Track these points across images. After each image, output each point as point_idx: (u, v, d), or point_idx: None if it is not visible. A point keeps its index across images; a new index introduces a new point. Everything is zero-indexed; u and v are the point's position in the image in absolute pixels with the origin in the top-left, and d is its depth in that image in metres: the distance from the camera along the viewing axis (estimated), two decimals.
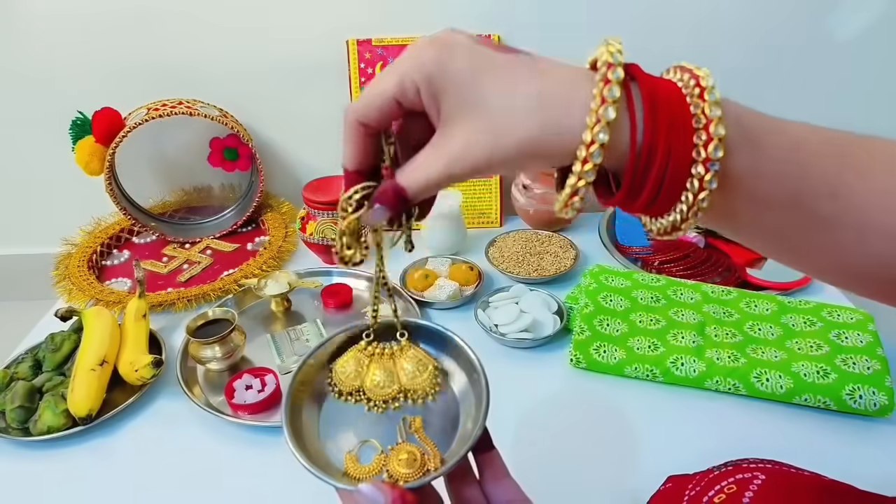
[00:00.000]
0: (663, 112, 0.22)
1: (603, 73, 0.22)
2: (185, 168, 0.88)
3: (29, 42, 0.79)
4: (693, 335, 0.58)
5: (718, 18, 0.78)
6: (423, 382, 0.31)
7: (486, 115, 0.22)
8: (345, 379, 0.32)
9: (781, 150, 0.23)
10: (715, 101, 0.22)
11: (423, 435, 0.30)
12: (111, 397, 0.56)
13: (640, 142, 0.21)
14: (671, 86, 0.24)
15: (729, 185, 0.22)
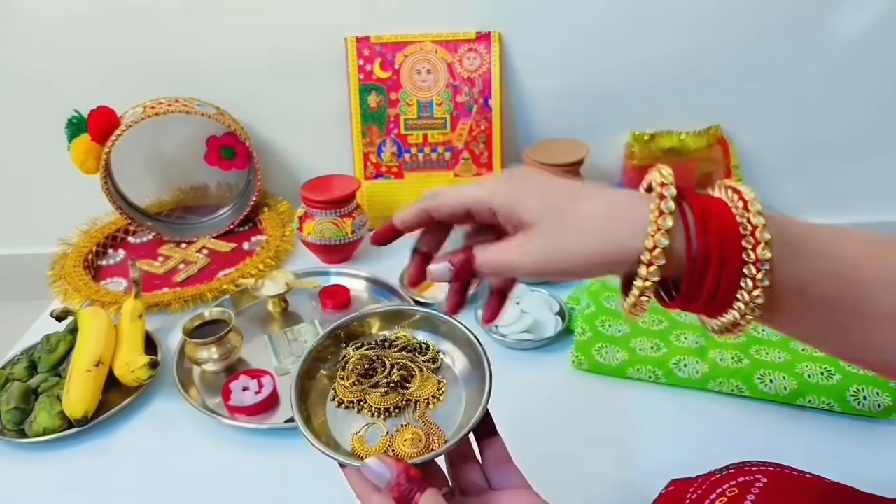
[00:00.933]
0: (714, 222, 0.25)
1: (658, 191, 0.25)
2: (182, 167, 0.87)
3: (25, 41, 0.78)
4: (696, 336, 0.58)
5: (716, 16, 0.78)
6: (428, 393, 0.32)
7: (561, 231, 0.26)
8: (346, 392, 0.32)
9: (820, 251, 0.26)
10: (758, 211, 0.25)
11: (428, 419, 0.31)
12: (107, 398, 0.56)
13: (695, 248, 0.25)
14: (718, 201, 0.27)
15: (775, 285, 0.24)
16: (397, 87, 0.81)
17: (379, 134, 0.83)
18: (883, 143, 0.89)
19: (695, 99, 0.84)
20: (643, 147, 0.85)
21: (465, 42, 0.79)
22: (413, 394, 0.32)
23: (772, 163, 0.91)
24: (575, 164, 0.78)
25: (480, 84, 0.80)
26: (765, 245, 0.24)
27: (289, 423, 0.53)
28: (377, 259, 0.79)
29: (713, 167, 0.90)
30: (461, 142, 0.83)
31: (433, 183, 0.84)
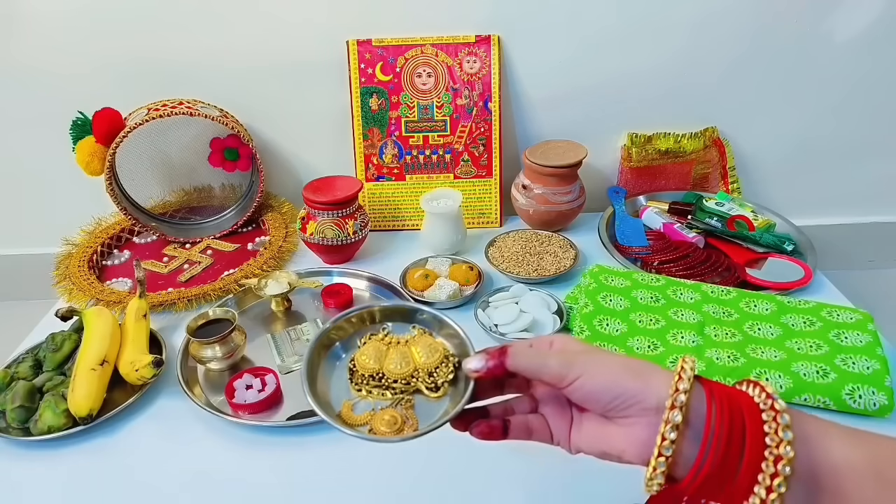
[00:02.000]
0: (737, 411, 0.27)
1: (680, 365, 0.29)
2: (186, 168, 0.88)
3: (30, 42, 0.79)
4: (692, 335, 0.59)
5: (713, 20, 0.79)
6: (436, 362, 0.35)
7: (584, 369, 0.30)
8: (366, 364, 0.35)
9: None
10: (787, 425, 0.26)
11: (410, 407, 0.35)
12: (111, 397, 0.56)
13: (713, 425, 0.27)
14: (745, 396, 0.29)
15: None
16: (398, 89, 0.82)
17: (380, 136, 0.83)
18: (878, 145, 0.90)
19: (691, 101, 0.85)
20: (640, 149, 0.86)
21: (466, 45, 0.80)
22: (424, 363, 0.35)
23: (768, 164, 0.91)
24: (573, 166, 0.79)
25: (480, 87, 0.81)
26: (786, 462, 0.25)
27: (292, 421, 0.54)
28: (378, 259, 0.80)
29: (709, 169, 0.90)
30: (461, 144, 0.84)
31: (434, 185, 0.85)
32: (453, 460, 0.50)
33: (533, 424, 0.34)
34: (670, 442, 0.27)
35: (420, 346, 0.36)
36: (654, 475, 0.28)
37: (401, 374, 0.35)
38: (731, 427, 0.27)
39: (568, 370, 0.31)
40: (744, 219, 0.80)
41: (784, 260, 0.74)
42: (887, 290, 0.98)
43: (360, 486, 0.49)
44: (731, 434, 0.27)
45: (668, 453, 0.27)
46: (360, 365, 0.35)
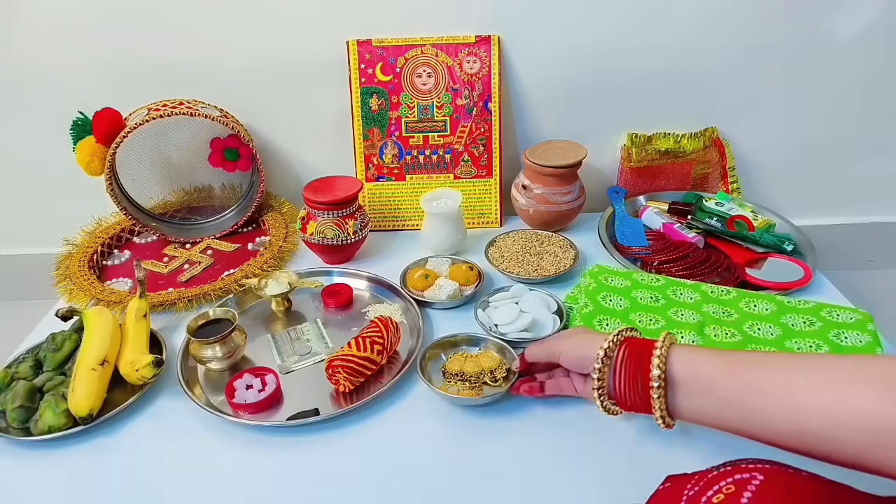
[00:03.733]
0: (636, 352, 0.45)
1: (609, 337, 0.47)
2: (186, 168, 0.88)
3: (30, 42, 0.79)
4: (692, 335, 0.59)
5: (713, 20, 0.79)
6: (494, 365, 0.57)
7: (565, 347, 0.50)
8: (452, 367, 0.58)
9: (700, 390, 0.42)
10: (659, 355, 0.43)
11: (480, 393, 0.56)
12: (112, 397, 0.56)
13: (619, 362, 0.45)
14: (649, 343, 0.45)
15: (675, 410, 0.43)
16: (398, 90, 0.82)
17: (380, 136, 0.84)
18: (878, 145, 0.90)
19: (691, 101, 0.85)
20: (640, 149, 0.86)
21: (465, 45, 0.80)
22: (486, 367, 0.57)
23: (767, 164, 0.91)
24: (573, 166, 0.79)
25: (480, 87, 0.81)
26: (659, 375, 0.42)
27: (292, 421, 0.54)
28: (378, 259, 0.80)
29: (709, 169, 0.91)
30: (461, 144, 0.84)
31: (434, 185, 0.85)
32: (453, 460, 0.50)
33: (562, 384, 0.53)
34: (598, 378, 0.45)
35: (485, 358, 0.58)
36: (597, 400, 0.46)
37: (474, 373, 0.56)
38: (630, 360, 0.44)
39: (551, 352, 0.51)
40: (744, 219, 0.80)
41: (784, 260, 0.74)
42: (887, 290, 0.98)
43: (359, 486, 0.49)
44: (629, 363, 0.44)
45: (598, 384, 0.45)
46: (448, 368, 0.58)
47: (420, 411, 0.55)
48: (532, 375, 0.55)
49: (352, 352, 0.57)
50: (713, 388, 0.40)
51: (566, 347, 0.49)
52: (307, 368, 0.61)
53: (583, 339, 0.49)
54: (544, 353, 0.51)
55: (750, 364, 0.40)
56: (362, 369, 0.56)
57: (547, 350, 0.51)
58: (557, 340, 0.51)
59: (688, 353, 0.43)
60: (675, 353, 0.43)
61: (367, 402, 0.55)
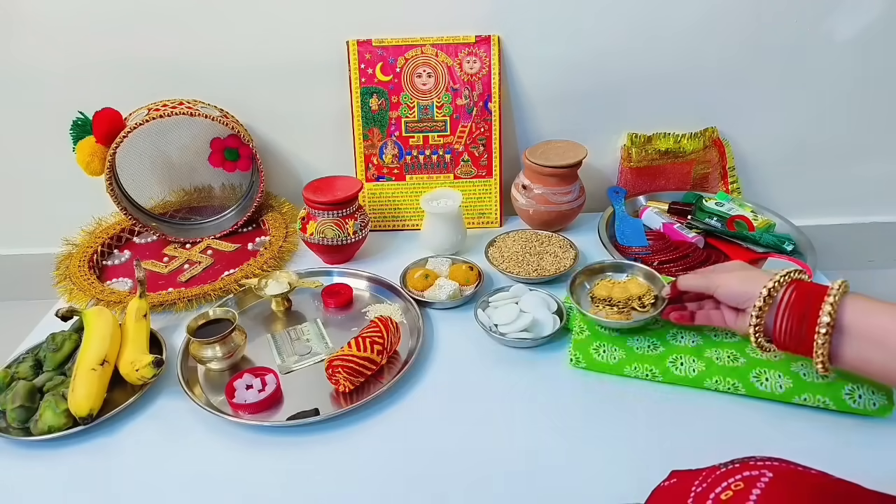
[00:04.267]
0: (805, 295, 0.45)
1: (775, 277, 0.47)
2: (186, 168, 0.88)
3: (30, 42, 0.79)
4: (692, 335, 0.59)
5: (712, 20, 0.79)
6: (642, 292, 0.59)
7: (725, 280, 0.51)
8: (600, 293, 0.60)
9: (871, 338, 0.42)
10: (832, 301, 0.43)
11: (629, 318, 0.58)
12: (112, 397, 0.56)
13: (784, 303, 0.46)
14: (822, 288, 0.45)
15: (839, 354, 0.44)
16: (398, 90, 0.82)
17: (380, 136, 0.84)
18: (877, 145, 0.90)
19: (691, 101, 0.85)
20: (640, 149, 0.86)
21: (465, 46, 0.80)
22: (636, 291, 0.60)
23: (767, 165, 0.91)
24: (573, 166, 0.79)
25: (480, 87, 0.81)
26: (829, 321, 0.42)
27: (292, 421, 0.54)
28: (378, 259, 0.80)
29: (709, 169, 0.91)
30: (461, 144, 0.84)
31: (434, 185, 0.85)
32: (451, 461, 0.50)
33: (712, 315, 0.54)
34: (757, 315, 0.46)
35: (632, 284, 0.60)
36: (752, 336, 0.47)
37: (622, 298, 0.58)
38: (798, 302, 0.44)
39: (708, 284, 0.51)
40: (744, 219, 0.80)
41: (784, 260, 0.74)
42: (887, 290, 0.98)
43: (359, 486, 0.49)
44: (795, 305, 0.44)
45: (756, 321, 0.46)
46: (596, 294, 0.60)
47: (420, 411, 0.55)
48: (682, 304, 0.56)
49: (352, 352, 0.57)
50: (886, 340, 0.40)
51: (725, 281, 0.49)
52: (307, 368, 0.61)
53: (745, 275, 0.49)
54: (701, 284, 0.52)
55: None
56: (362, 369, 0.56)
57: (704, 281, 0.51)
58: (716, 273, 0.51)
59: (864, 302, 0.43)
60: (849, 300, 0.43)
61: (367, 402, 0.55)
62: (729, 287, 0.49)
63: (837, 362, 0.43)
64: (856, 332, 0.42)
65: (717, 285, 0.50)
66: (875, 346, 0.41)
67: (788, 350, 0.45)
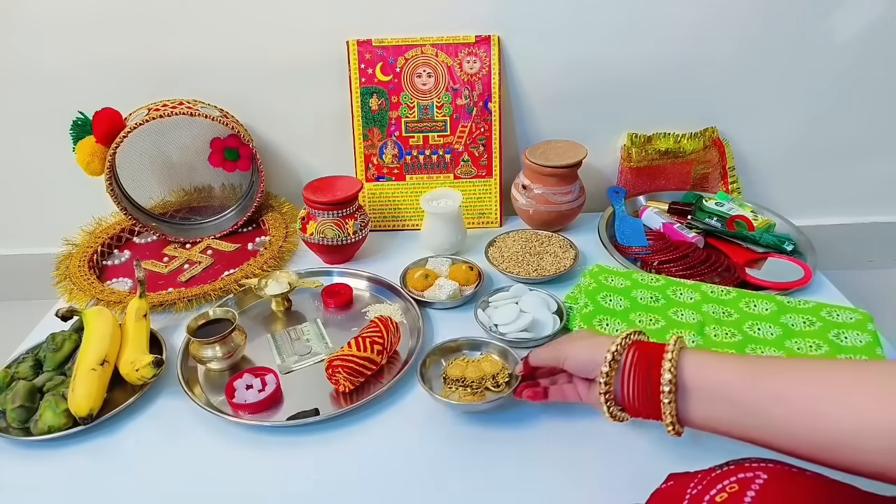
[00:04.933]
0: (646, 355, 0.43)
1: (616, 340, 0.45)
2: (186, 168, 0.88)
3: (30, 42, 0.79)
4: (692, 335, 0.59)
5: (713, 20, 0.79)
6: (496, 370, 0.56)
7: (571, 351, 0.48)
8: (453, 373, 0.57)
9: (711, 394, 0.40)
10: (671, 359, 0.41)
11: (482, 398, 0.54)
12: (112, 397, 0.56)
13: (628, 366, 0.43)
14: (659, 347, 0.43)
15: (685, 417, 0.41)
16: (398, 90, 0.82)
17: (380, 136, 0.84)
18: (877, 145, 0.90)
19: (691, 101, 0.85)
20: (640, 149, 0.86)
21: (465, 46, 0.80)
22: (489, 371, 0.56)
23: (767, 164, 0.91)
24: (573, 166, 0.79)
25: (480, 87, 0.81)
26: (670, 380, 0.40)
27: (292, 421, 0.54)
28: (378, 259, 0.80)
29: (709, 169, 0.91)
30: (461, 144, 0.84)
31: (434, 185, 0.85)
32: (450, 460, 0.50)
33: (565, 389, 0.51)
34: (605, 382, 0.43)
35: (486, 362, 0.57)
36: (604, 406, 0.44)
37: (475, 378, 0.55)
38: (640, 364, 0.42)
39: (557, 356, 0.49)
40: (743, 219, 0.80)
41: (784, 260, 0.74)
42: (887, 290, 0.98)
43: (360, 485, 0.49)
44: (638, 368, 0.42)
45: (605, 389, 0.43)
46: (449, 374, 0.57)
47: (420, 412, 0.55)
48: (535, 380, 0.54)
49: (352, 352, 0.57)
50: (729, 395, 0.38)
51: (572, 352, 0.47)
52: (307, 368, 0.61)
53: (589, 343, 0.47)
54: (549, 358, 0.50)
55: (768, 371, 0.38)
56: (362, 369, 0.56)
57: (552, 354, 0.50)
58: (562, 344, 0.49)
59: (701, 357, 0.41)
60: (687, 357, 0.41)
61: (367, 402, 0.55)
62: (576, 357, 0.47)
63: (688, 423, 0.41)
64: (699, 389, 0.40)
65: (564, 357, 0.48)
66: (721, 402, 0.39)
67: (640, 416, 0.43)
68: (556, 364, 0.49)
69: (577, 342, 0.48)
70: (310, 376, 0.60)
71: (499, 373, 0.55)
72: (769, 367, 0.38)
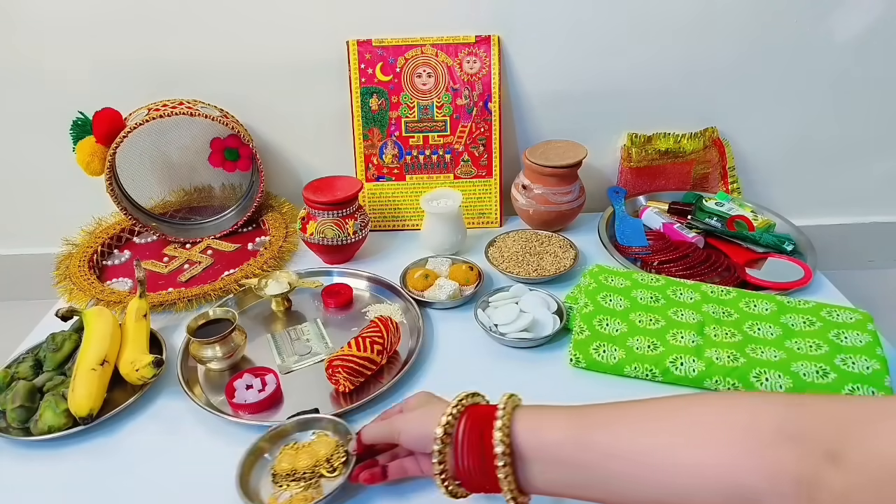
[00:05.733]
0: (477, 422, 0.39)
1: (448, 409, 0.40)
2: (186, 168, 0.88)
3: (30, 42, 0.79)
4: (692, 335, 0.59)
5: (713, 19, 0.79)
6: (330, 452, 0.49)
7: (404, 425, 0.43)
8: (282, 468, 0.48)
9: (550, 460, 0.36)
10: (501, 426, 0.37)
11: (318, 486, 0.47)
12: (112, 397, 0.56)
13: (460, 437, 0.39)
14: (490, 409, 0.39)
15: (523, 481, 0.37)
16: (398, 90, 0.82)
17: (380, 136, 0.84)
18: (877, 145, 0.90)
19: (691, 101, 0.85)
20: (640, 149, 0.86)
21: (465, 46, 0.80)
22: (324, 454, 0.48)
23: (768, 164, 0.91)
24: (573, 166, 0.79)
25: (480, 87, 0.81)
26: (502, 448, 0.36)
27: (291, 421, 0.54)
28: (378, 259, 0.80)
29: (709, 169, 0.91)
30: (461, 144, 0.84)
31: (434, 185, 0.85)
32: None
33: (407, 465, 0.45)
34: (438, 460, 0.38)
35: (319, 443, 0.50)
36: (441, 486, 0.39)
37: (307, 467, 0.47)
38: (471, 434, 0.38)
39: (391, 430, 0.44)
40: (743, 219, 0.80)
41: (784, 260, 0.74)
42: (887, 290, 0.98)
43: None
44: (469, 438, 0.38)
45: (440, 468, 0.39)
46: (277, 470, 0.48)
47: None
48: (374, 458, 0.48)
49: (352, 352, 0.57)
50: (560, 456, 0.35)
51: (404, 426, 0.43)
52: (307, 368, 0.61)
53: (421, 414, 0.42)
54: (384, 433, 0.45)
55: (601, 426, 0.36)
56: (362, 369, 0.56)
57: (385, 430, 0.45)
58: (396, 416, 0.45)
59: (533, 418, 0.37)
60: (520, 419, 0.37)
61: (367, 402, 0.55)
62: (409, 431, 0.42)
63: (532, 490, 0.37)
64: (533, 455, 0.36)
65: (398, 431, 0.43)
66: (554, 464, 0.35)
67: (483, 491, 0.39)
68: (390, 440, 0.44)
69: (408, 415, 0.44)
70: (310, 376, 0.60)
71: (333, 453, 0.48)
72: (603, 420, 0.36)
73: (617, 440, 0.34)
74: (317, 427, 0.52)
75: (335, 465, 0.47)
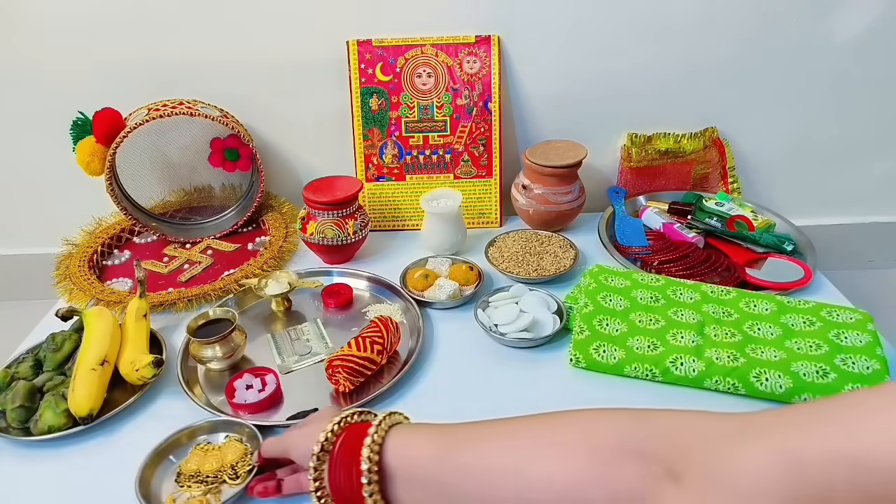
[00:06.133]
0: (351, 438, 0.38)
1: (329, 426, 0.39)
2: (186, 168, 0.88)
3: (30, 42, 0.79)
4: (692, 335, 0.59)
5: (712, 19, 0.79)
6: (237, 459, 0.49)
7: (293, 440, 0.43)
8: (189, 468, 0.48)
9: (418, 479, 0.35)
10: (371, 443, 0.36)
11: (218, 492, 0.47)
12: (112, 397, 0.56)
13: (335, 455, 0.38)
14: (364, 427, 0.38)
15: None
16: (398, 90, 0.82)
17: (380, 136, 0.84)
18: (878, 145, 0.90)
19: (691, 101, 0.85)
20: (640, 149, 0.86)
21: (466, 46, 0.80)
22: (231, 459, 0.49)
23: (767, 164, 0.91)
24: (573, 166, 0.79)
25: (480, 87, 0.81)
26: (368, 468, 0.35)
27: (291, 421, 0.54)
28: (378, 259, 0.80)
29: (709, 169, 0.91)
30: (461, 144, 0.84)
31: (434, 185, 0.85)
32: None
33: (303, 480, 0.43)
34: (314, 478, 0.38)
35: (229, 448, 0.50)
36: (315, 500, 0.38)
37: (212, 471, 0.48)
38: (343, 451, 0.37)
39: (284, 446, 0.44)
40: (743, 219, 0.80)
41: (784, 260, 0.74)
42: (887, 290, 0.98)
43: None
44: (342, 456, 0.37)
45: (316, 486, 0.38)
46: (184, 469, 0.48)
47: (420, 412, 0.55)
48: (273, 471, 0.47)
49: (352, 352, 0.57)
50: (425, 474, 0.35)
51: (293, 441, 0.42)
52: (307, 368, 0.61)
53: (308, 430, 0.42)
54: (278, 449, 0.44)
55: (466, 443, 0.35)
56: (362, 369, 0.56)
57: (279, 445, 0.44)
58: (290, 431, 0.45)
59: (405, 435, 0.37)
60: (393, 437, 0.37)
61: (367, 402, 0.55)
62: (298, 447, 0.41)
63: None
64: (401, 473, 0.35)
65: (290, 447, 0.43)
66: (418, 483, 0.35)
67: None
68: (284, 456, 0.44)
69: (301, 430, 0.43)
70: (310, 376, 0.60)
71: (240, 460, 0.48)
72: (468, 438, 0.35)
73: (476, 458, 0.34)
74: (228, 430, 0.52)
75: (239, 473, 0.47)
